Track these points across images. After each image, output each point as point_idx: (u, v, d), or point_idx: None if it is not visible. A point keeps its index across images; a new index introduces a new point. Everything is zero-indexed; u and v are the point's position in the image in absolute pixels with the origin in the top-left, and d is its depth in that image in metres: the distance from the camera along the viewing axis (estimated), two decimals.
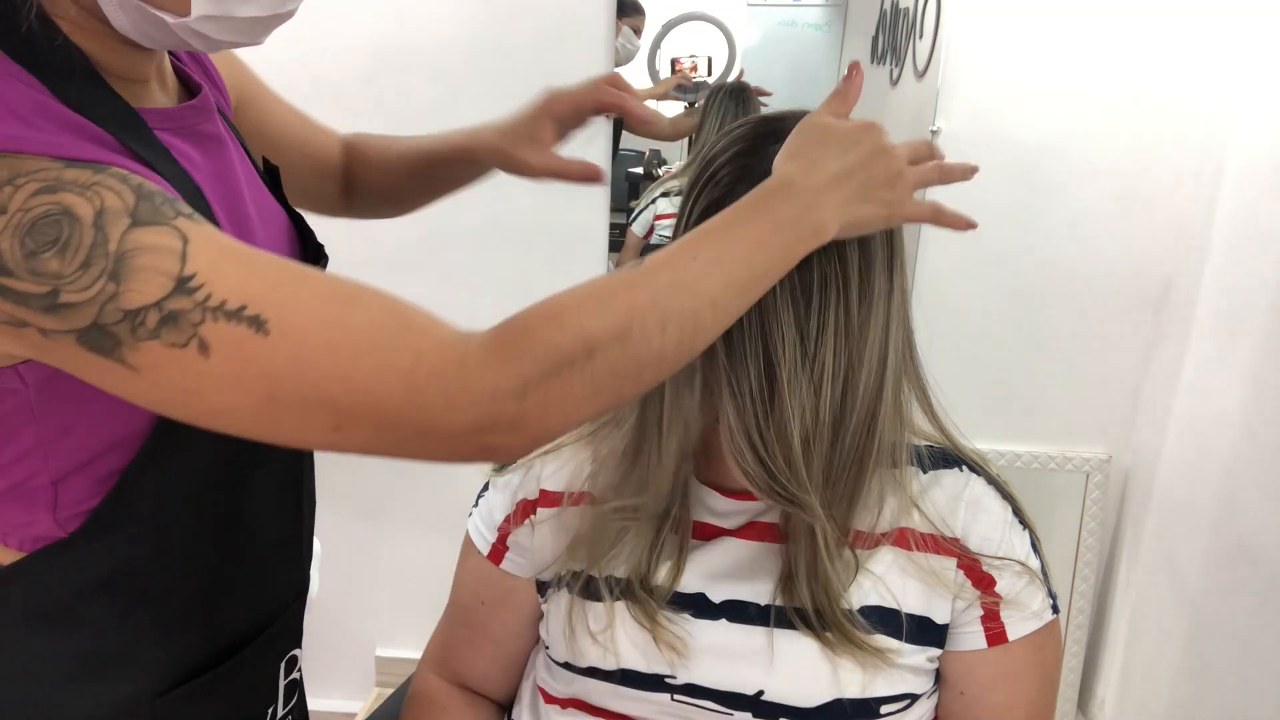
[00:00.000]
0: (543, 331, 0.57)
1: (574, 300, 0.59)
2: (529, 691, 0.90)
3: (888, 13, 1.86)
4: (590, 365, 0.57)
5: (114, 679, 0.70)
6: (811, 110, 0.74)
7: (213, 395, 0.54)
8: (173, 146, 0.66)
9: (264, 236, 0.74)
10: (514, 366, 0.55)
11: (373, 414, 0.55)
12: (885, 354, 0.72)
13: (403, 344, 0.55)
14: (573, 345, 0.56)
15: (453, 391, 0.55)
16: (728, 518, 0.81)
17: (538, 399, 0.56)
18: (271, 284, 0.55)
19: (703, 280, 0.60)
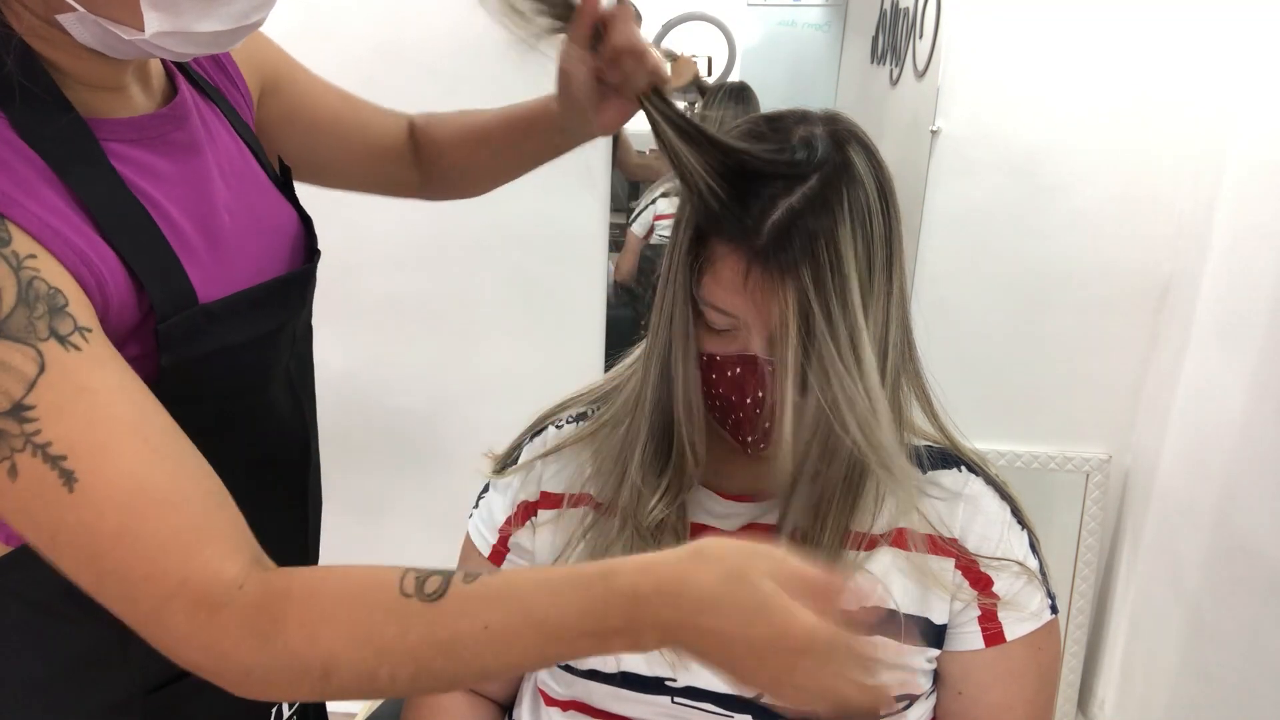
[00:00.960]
0: (292, 630, 0.54)
1: (339, 605, 0.55)
2: (529, 693, 0.90)
3: (888, 13, 1.86)
4: (322, 684, 0.56)
5: (104, 676, 0.69)
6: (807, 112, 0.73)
7: (7, 508, 0.55)
8: (131, 160, 0.64)
9: (249, 239, 0.73)
10: (251, 649, 0.55)
11: (126, 607, 0.56)
12: (884, 353, 0.72)
13: (177, 566, 0.54)
14: (312, 662, 0.55)
15: (192, 632, 0.55)
16: (726, 520, 0.81)
17: (261, 684, 0.56)
18: (101, 447, 0.54)
19: (480, 653, 0.55)
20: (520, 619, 0.54)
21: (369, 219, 1.69)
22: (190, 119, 0.72)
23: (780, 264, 0.67)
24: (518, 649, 0.55)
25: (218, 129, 0.75)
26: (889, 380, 0.73)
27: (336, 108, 0.93)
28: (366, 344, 1.76)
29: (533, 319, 1.76)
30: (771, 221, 0.68)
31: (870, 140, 0.74)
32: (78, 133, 0.61)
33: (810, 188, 0.68)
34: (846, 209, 0.68)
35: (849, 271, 0.68)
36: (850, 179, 0.69)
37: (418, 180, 1.00)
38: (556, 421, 0.90)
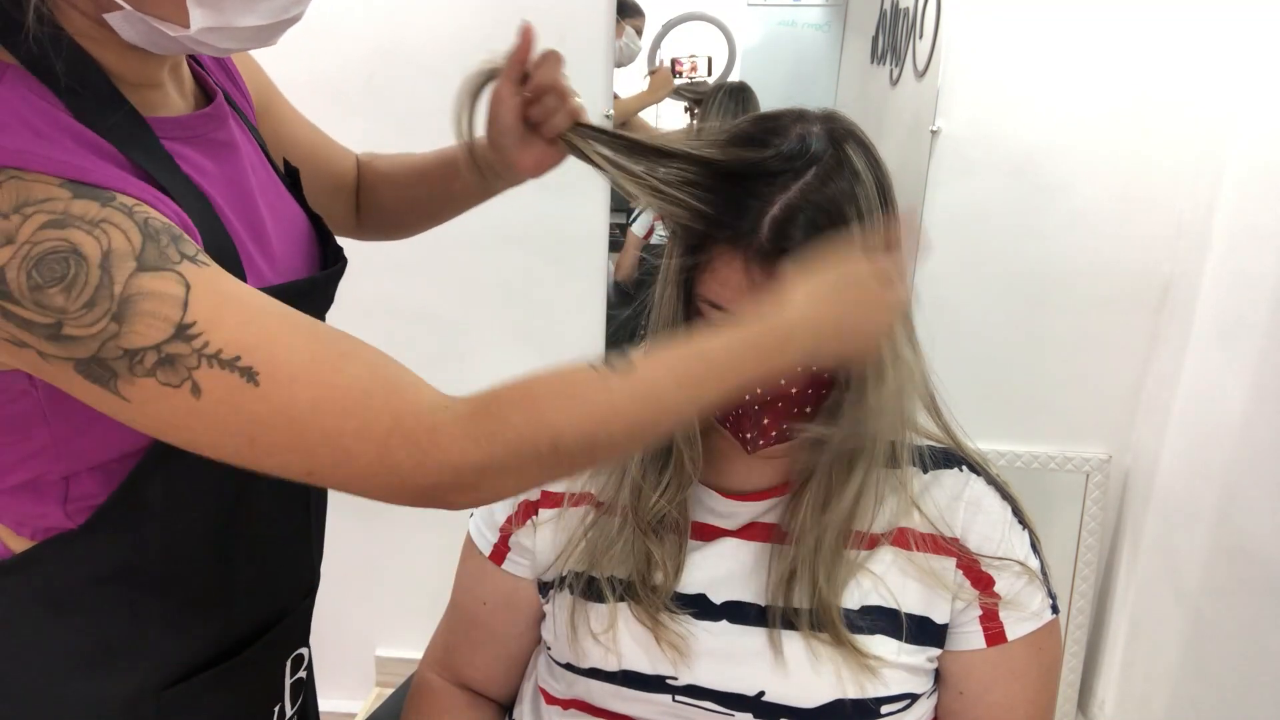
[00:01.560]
0: (515, 419, 0.59)
1: (554, 392, 0.61)
2: (530, 692, 0.90)
3: (888, 13, 1.86)
4: (552, 458, 0.60)
5: (121, 669, 0.70)
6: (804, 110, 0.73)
7: (198, 433, 0.57)
8: (183, 156, 0.66)
9: (279, 239, 0.74)
10: (481, 448, 0.58)
11: (345, 468, 0.58)
12: None
13: (383, 407, 0.58)
14: (541, 439, 0.59)
15: (420, 458, 0.58)
16: (728, 519, 0.81)
17: (496, 476, 0.60)
18: (268, 337, 0.57)
19: (674, 399, 0.63)
20: (697, 362, 0.64)
21: None
22: (228, 122, 0.74)
23: (779, 261, 0.67)
24: (702, 385, 0.63)
25: (242, 134, 0.77)
26: None
27: (310, 140, 0.95)
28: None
29: (533, 319, 1.76)
30: (770, 218, 0.68)
31: (867, 137, 0.74)
32: (135, 122, 0.63)
33: (807, 183, 0.68)
34: (844, 205, 0.68)
35: None
36: (848, 175, 0.69)
37: (353, 219, 1.02)
38: None
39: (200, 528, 0.71)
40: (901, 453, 0.80)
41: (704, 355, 0.64)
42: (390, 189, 1.00)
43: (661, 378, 0.63)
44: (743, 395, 0.67)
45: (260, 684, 0.81)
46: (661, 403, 0.63)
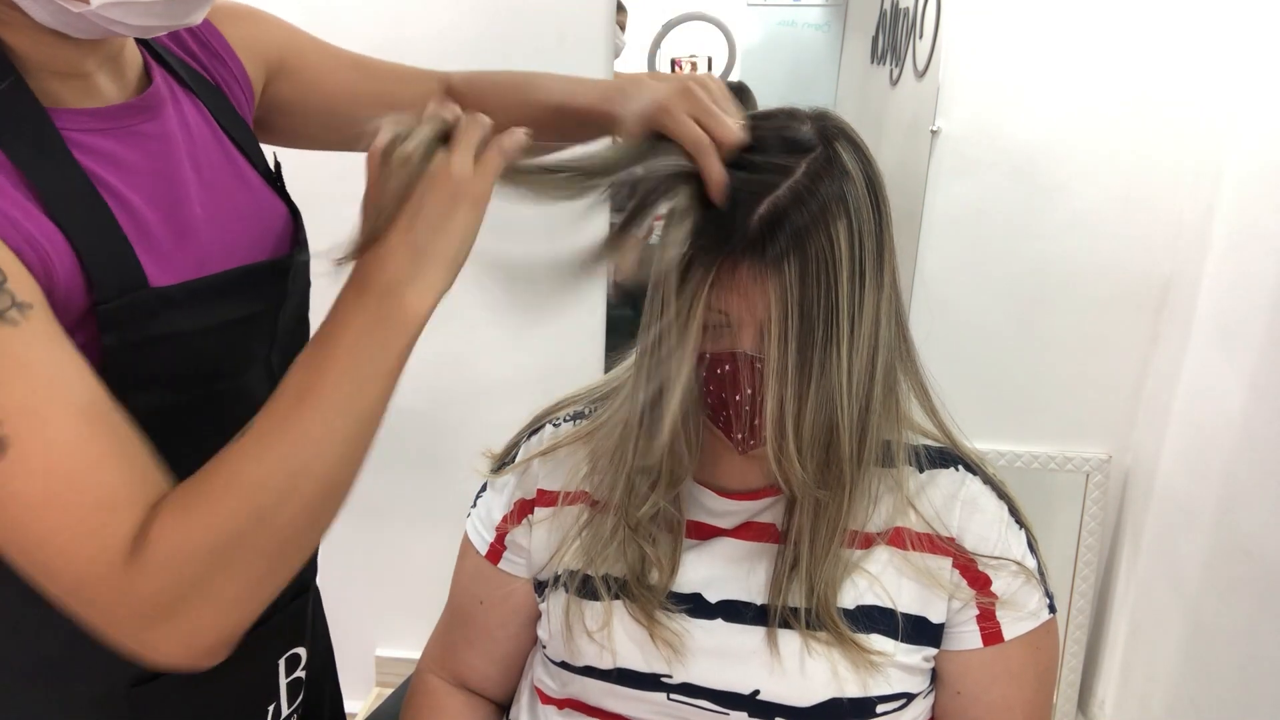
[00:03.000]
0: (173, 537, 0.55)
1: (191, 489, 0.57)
2: (527, 692, 0.90)
3: (888, 13, 1.86)
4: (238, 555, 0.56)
5: (90, 667, 0.69)
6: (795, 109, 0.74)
7: None
8: (91, 148, 0.64)
9: (224, 232, 0.72)
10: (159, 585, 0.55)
11: (47, 578, 0.55)
12: (875, 349, 0.72)
13: (95, 531, 0.54)
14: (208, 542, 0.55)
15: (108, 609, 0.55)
16: (724, 518, 0.81)
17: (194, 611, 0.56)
18: (36, 416, 0.54)
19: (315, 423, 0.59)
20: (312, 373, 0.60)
21: None
22: (163, 110, 0.71)
23: (767, 260, 0.67)
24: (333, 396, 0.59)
25: (196, 121, 0.74)
26: (881, 377, 0.73)
27: (352, 82, 0.91)
28: None
29: (532, 319, 1.76)
30: (758, 216, 0.68)
31: (859, 136, 0.74)
32: (31, 112, 0.61)
33: (796, 182, 0.68)
34: (834, 204, 0.68)
35: (837, 267, 0.68)
36: (837, 174, 0.69)
37: None
38: (554, 420, 0.90)
39: None
40: (897, 452, 0.79)
41: (315, 362, 0.60)
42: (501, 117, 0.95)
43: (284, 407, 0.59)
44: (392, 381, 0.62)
45: (248, 684, 0.80)
46: (308, 432, 0.58)
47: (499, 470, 0.90)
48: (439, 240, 0.62)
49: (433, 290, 0.63)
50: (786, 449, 0.70)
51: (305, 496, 0.58)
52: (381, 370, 0.61)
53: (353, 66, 0.92)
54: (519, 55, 1.62)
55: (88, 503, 0.54)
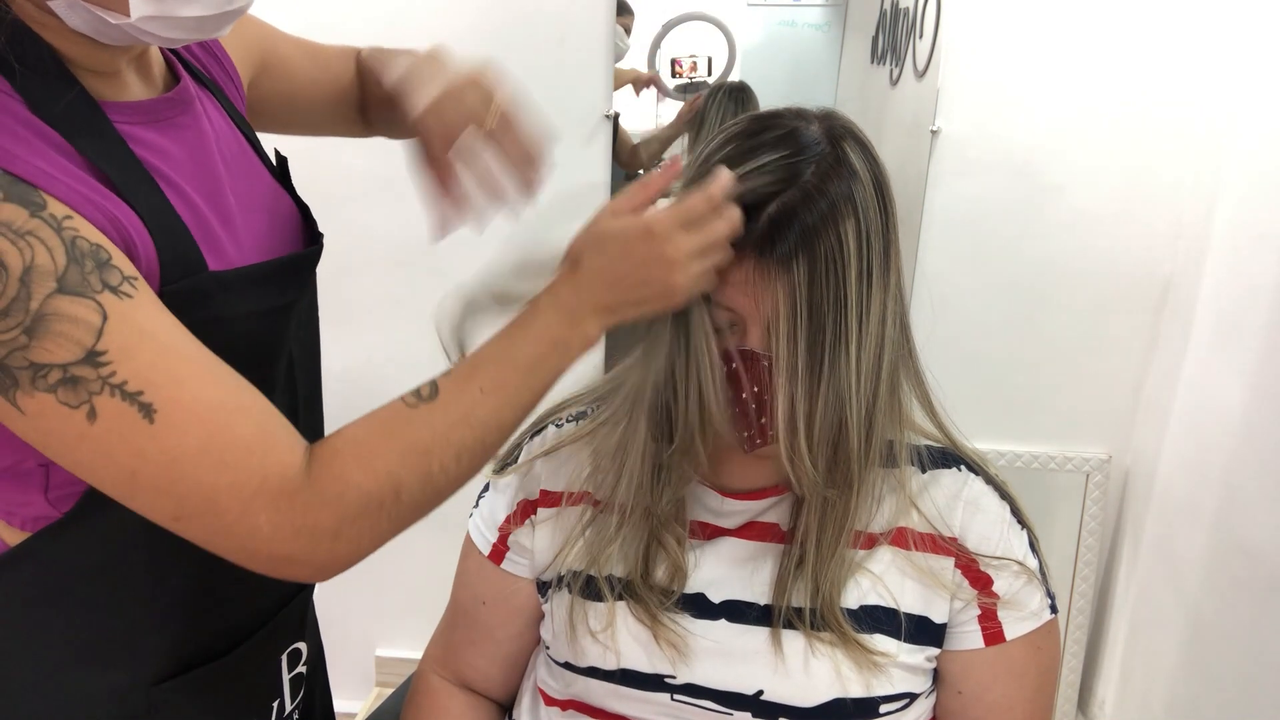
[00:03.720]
0: (355, 477, 0.61)
1: (376, 437, 0.64)
2: (529, 693, 0.90)
3: (888, 13, 1.86)
4: (397, 505, 0.63)
5: (110, 665, 0.70)
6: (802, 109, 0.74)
7: (82, 456, 0.58)
8: (140, 140, 0.66)
9: (248, 222, 0.74)
10: (331, 510, 0.61)
11: (210, 520, 0.60)
12: (881, 348, 0.72)
13: (257, 467, 0.59)
14: (382, 490, 0.62)
15: (279, 525, 0.60)
16: (727, 518, 0.81)
17: (349, 538, 0.62)
18: (174, 378, 0.58)
19: (489, 409, 0.66)
20: (498, 367, 0.68)
21: (369, 218, 1.69)
22: (193, 105, 0.73)
23: (776, 259, 0.67)
24: (512, 389, 0.67)
25: (216, 117, 0.76)
26: (886, 376, 0.73)
27: (312, 73, 0.95)
28: (366, 344, 1.75)
29: None
30: (767, 215, 0.68)
31: (866, 136, 0.74)
32: (86, 105, 0.63)
33: (805, 182, 0.68)
34: (842, 203, 0.68)
35: (845, 266, 0.68)
36: (845, 174, 0.69)
37: (358, 118, 1.00)
38: (556, 421, 0.90)
39: None
40: (899, 452, 0.80)
41: (503, 358, 0.68)
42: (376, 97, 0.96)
43: (470, 393, 0.66)
44: (558, 378, 0.70)
45: (256, 680, 0.81)
46: (478, 418, 0.66)
47: (501, 471, 0.90)
48: (636, 307, 0.70)
49: (601, 333, 0.70)
50: (798, 447, 0.71)
51: (462, 468, 0.66)
52: (550, 378, 0.69)
53: (310, 56, 0.95)
54: (519, 55, 1.61)
55: (245, 442, 0.59)
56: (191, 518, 0.60)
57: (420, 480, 0.63)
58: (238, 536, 0.60)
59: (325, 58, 0.97)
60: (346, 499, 0.61)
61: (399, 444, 0.63)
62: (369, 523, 0.62)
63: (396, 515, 0.63)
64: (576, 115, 1.64)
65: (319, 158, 1.48)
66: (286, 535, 0.60)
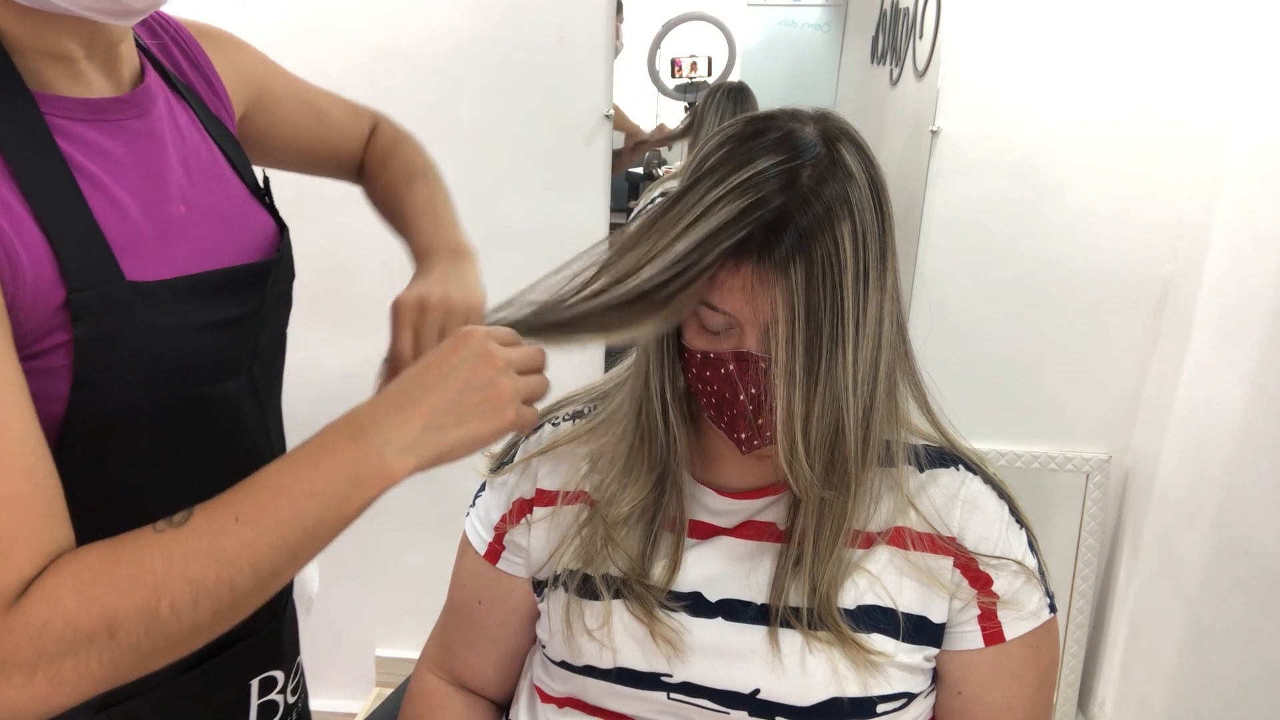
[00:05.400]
0: (67, 605, 0.52)
1: (107, 564, 0.54)
2: (526, 691, 0.90)
3: (888, 13, 1.86)
4: (111, 646, 0.53)
5: None
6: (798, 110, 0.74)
7: None
8: (77, 136, 0.64)
9: (194, 237, 0.72)
10: (30, 640, 0.51)
11: None
12: (878, 349, 0.72)
13: None
14: (94, 626, 0.52)
15: None
16: (724, 517, 0.81)
17: (48, 678, 0.52)
18: None
19: (242, 546, 0.55)
20: (264, 494, 0.57)
21: (369, 219, 1.69)
22: (154, 109, 0.71)
23: (773, 263, 0.67)
24: (274, 522, 0.56)
25: (187, 126, 0.75)
26: (883, 377, 0.73)
27: (306, 124, 0.94)
28: (366, 344, 1.75)
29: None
30: (763, 221, 0.68)
31: (861, 137, 0.74)
32: (16, 94, 0.61)
33: (801, 186, 0.68)
34: (838, 205, 0.68)
35: (841, 268, 0.68)
36: (841, 175, 0.69)
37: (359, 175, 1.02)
38: (553, 419, 0.90)
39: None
40: (897, 452, 0.80)
41: (273, 484, 0.57)
42: (377, 196, 1.00)
43: (221, 522, 0.56)
44: (339, 526, 0.59)
45: (219, 703, 0.78)
46: (228, 556, 0.55)
47: (498, 470, 0.90)
48: (451, 432, 0.62)
49: (414, 465, 0.61)
50: (796, 450, 0.71)
51: (200, 613, 0.55)
52: (332, 519, 0.58)
53: (305, 106, 0.94)
54: (519, 56, 1.62)
55: None
56: None
57: (143, 620, 0.53)
58: None
59: (322, 109, 0.96)
60: (50, 630, 0.51)
61: (126, 574, 0.53)
62: (74, 663, 0.52)
63: (111, 659, 0.53)
64: (576, 115, 1.64)
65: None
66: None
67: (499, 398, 0.63)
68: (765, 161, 0.69)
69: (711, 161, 0.72)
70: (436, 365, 0.63)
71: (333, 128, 0.97)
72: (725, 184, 0.68)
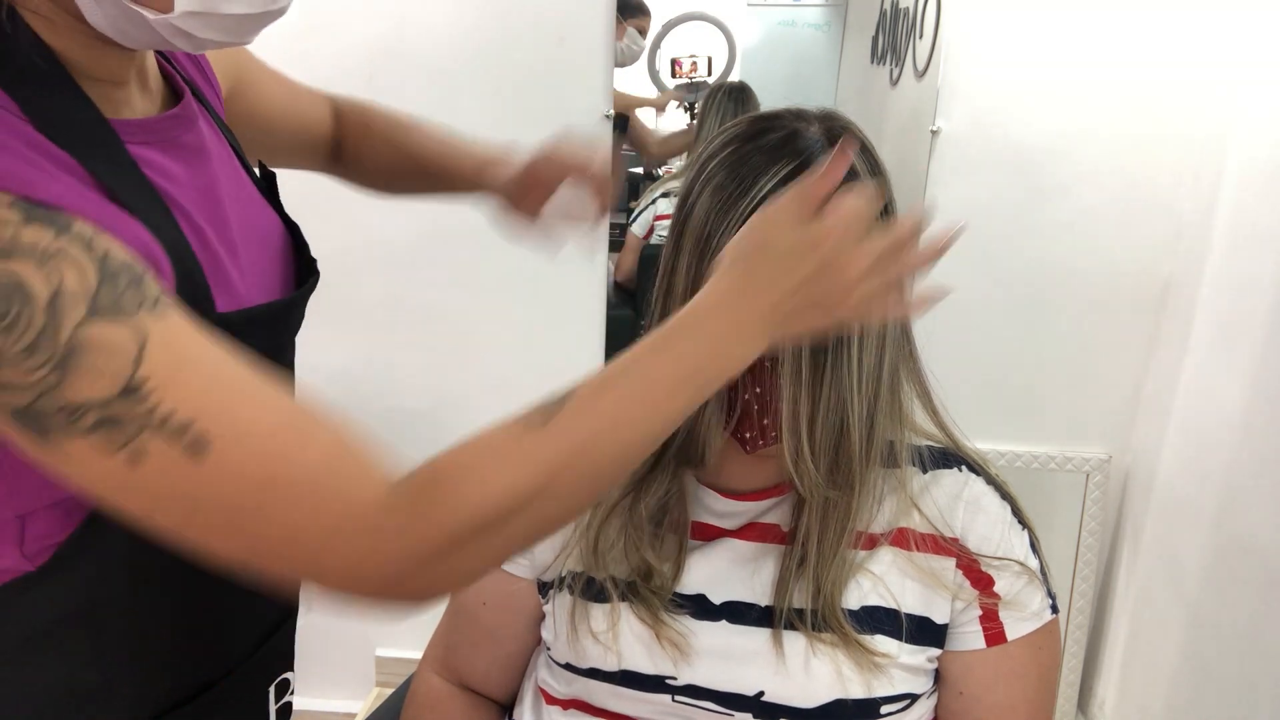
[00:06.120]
0: (465, 492, 0.54)
1: (497, 452, 0.55)
2: (530, 692, 0.90)
3: (888, 13, 1.86)
4: (507, 527, 0.55)
5: (90, 714, 0.66)
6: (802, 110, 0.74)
7: (130, 504, 0.52)
8: (150, 162, 0.62)
9: (246, 248, 0.70)
10: (432, 534, 0.53)
11: (288, 558, 0.53)
12: (882, 348, 0.72)
13: (335, 494, 0.53)
14: (494, 508, 0.54)
15: (367, 555, 0.53)
16: (728, 519, 0.81)
17: (452, 563, 0.54)
18: (225, 404, 0.52)
19: (629, 423, 0.57)
20: (639, 383, 0.58)
21: (369, 219, 1.69)
22: (198, 121, 0.69)
23: None
24: (657, 405, 0.58)
25: (209, 134, 0.72)
26: (887, 377, 0.74)
27: (283, 101, 0.91)
28: (366, 344, 1.75)
29: (533, 319, 1.76)
30: None
31: (866, 137, 0.74)
32: (99, 129, 0.58)
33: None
34: None
35: None
36: (845, 175, 0.69)
37: (329, 160, 0.99)
38: None
39: (168, 563, 0.65)
40: (900, 452, 0.80)
41: (646, 372, 0.58)
42: (383, 162, 0.97)
43: (610, 404, 0.57)
44: (703, 400, 0.61)
45: (242, 714, 0.77)
46: (614, 430, 0.57)
47: None
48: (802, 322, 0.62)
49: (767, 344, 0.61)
50: (802, 449, 0.71)
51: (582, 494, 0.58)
52: (699, 397, 0.60)
53: (278, 83, 0.92)
54: (519, 56, 1.62)
55: (315, 469, 0.52)
56: (266, 558, 0.53)
57: (538, 497, 0.55)
58: (324, 572, 0.53)
59: (296, 91, 0.94)
60: (453, 517, 0.53)
61: (517, 457, 0.55)
62: (476, 545, 0.54)
63: (505, 539, 0.55)
64: (576, 115, 1.64)
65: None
66: (381, 560, 0.53)
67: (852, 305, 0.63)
68: (775, 170, 0.69)
69: (716, 161, 0.72)
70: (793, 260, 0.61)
71: (303, 105, 0.94)
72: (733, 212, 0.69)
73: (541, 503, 0.55)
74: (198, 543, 0.53)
